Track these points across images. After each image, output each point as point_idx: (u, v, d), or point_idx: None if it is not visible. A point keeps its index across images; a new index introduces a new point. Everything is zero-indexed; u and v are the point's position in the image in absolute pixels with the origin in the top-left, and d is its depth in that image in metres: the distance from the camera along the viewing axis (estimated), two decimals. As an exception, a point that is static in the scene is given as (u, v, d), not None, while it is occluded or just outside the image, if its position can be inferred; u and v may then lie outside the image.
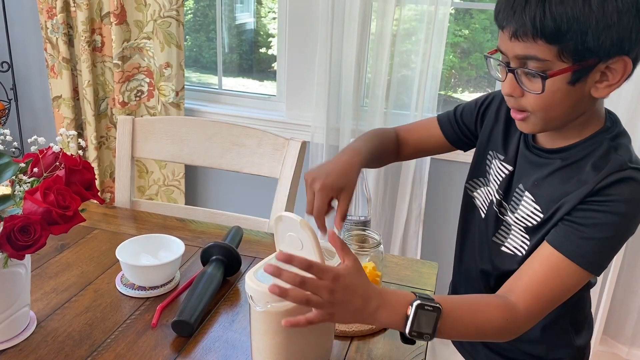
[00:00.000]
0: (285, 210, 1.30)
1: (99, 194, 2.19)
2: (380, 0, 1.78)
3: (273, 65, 2.29)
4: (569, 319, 1.02)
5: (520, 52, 0.78)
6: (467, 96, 2.10)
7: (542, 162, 0.91)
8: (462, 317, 0.79)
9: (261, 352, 0.78)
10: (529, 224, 0.92)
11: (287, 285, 0.69)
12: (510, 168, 0.97)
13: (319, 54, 1.86)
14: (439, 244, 2.04)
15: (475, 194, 1.06)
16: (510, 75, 0.82)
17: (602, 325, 1.89)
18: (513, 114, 0.87)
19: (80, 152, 2.17)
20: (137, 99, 2.12)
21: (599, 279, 1.84)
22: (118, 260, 1.01)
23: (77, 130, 2.22)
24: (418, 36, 1.82)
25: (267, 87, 2.34)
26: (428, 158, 1.87)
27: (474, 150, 1.10)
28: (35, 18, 2.22)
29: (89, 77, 2.08)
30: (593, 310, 1.87)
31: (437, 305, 0.75)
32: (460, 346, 1.16)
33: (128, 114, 2.11)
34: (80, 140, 0.89)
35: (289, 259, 0.69)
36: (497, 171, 0.99)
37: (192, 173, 2.25)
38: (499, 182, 0.99)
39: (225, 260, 1.05)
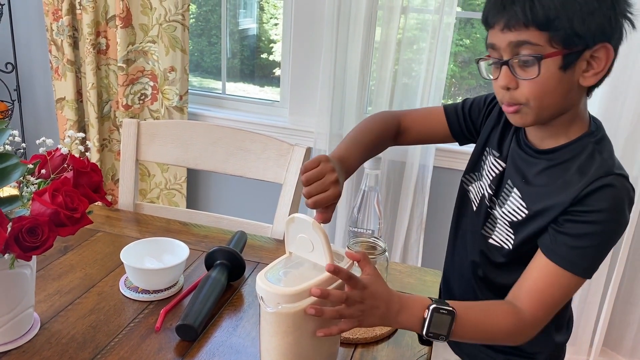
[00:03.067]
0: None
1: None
2: (386, 8, 1.79)
3: (274, 70, 2.30)
4: None
5: (514, 39, 0.82)
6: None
7: (531, 161, 0.94)
8: (474, 320, 0.85)
9: (270, 352, 0.78)
10: (514, 219, 0.95)
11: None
12: (503, 165, 1.00)
13: (323, 60, 1.87)
14: (440, 252, 2.03)
15: (470, 187, 1.09)
16: (504, 68, 0.85)
17: (602, 337, 1.89)
18: (505, 108, 0.89)
19: (88, 154, 2.17)
20: (141, 102, 2.13)
21: (600, 290, 1.84)
22: (121, 263, 1.01)
23: (79, 132, 2.22)
24: (420, 45, 1.83)
25: (267, 92, 2.35)
26: (430, 166, 1.87)
27: (472, 146, 1.12)
28: (40, 20, 2.23)
29: (93, 79, 2.08)
30: (593, 322, 1.88)
31: (451, 308, 0.81)
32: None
33: (131, 117, 2.11)
34: (88, 142, 0.89)
35: (325, 293, 0.73)
36: (490, 167, 1.02)
37: (194, 177, 2.25)
38: (491, 178, 1.02)
39: (229, 265, 1.05)
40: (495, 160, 1.02)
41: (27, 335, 0.88)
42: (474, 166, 1.09)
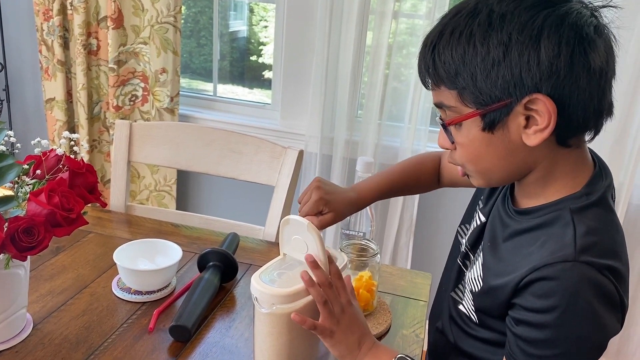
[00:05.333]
0: (281, 219, 1.31)
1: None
2: (377, 13, 1.80)
3: (264, 73, 2.30)
4: None
5: (435, 100, 0.75)
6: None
7: (505, 222, 0.79)
8: None
9: (264, 353, 0.79)
10: (474, 289, 0.82)
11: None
12: (483, 219, 0.88)
13: (315, 63, 1.88)
14: (430, 255, 2.06)
15: (462, 240, 0.95)
16: (440, 128, 0.77)
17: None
18: (458, 171, 0.81)
19: (82, 155, 2.16)
20: (132, 103, 2.12)
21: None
22: (114, 264, 1.01)
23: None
24: (410, 50, 1.85)
25: (257, 95, 2.35)
26: (420, 170, 1.89)
27: None
28: (30, 19, 2.22)
29: (84, 80, 2.08)
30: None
31: None
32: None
33: (122, 118, 2.10)
34: (83, 143, 0.89)
35: (330, 261, 0.76)
36: (476, 220, 0.91)
37: (184, 179, 2.25)
38: (472, 233, 0.90)
39: (222, 266, 1.05)
40: (480, 211, 0.90)
41: (20, 335, 0.88)
42: (467, 217, 0.96)
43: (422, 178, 1.08)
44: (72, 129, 2.23)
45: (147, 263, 1.05)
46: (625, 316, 0.70)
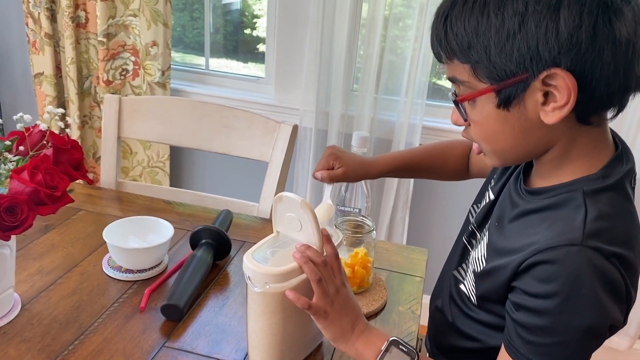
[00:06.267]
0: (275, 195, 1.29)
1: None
2: (373, -16, 1.75)
3: (258, 46, 2.25)
4: None
5: (448, 74, 0.71)
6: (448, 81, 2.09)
7: (515, 201, 0.76)
8: None
9: (257, 332, 0.77)
10: (476, 269, 0.79)
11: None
12: (492, 197, 0.85)
13: (309, 36, 1.83)
14: (426, 231, 2.05)
15: (473, 220, 0.91)
16: (454, 104, 0.73)
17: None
18: (474, 148, 0.78)
19: (68, 131, 2.12)
20: (122, 77, 2.08)
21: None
22: (104, 242, 0.99)
23: (58, 108, 2.16)
24: (407, 22, 1.80)
25: (251, 68, 2.31)
26: (417, 144, 1.86)
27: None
28: (16, -9, 2.15)
29: (73, 54, 2.02)
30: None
31: (413, 349, 0.73)
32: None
33: (112, 93, 2.06)
34: (68, 118, 0.86)
35: (327, 239, 0.75)
36: (486, 197, 0.88)
37: (177, 155, 2.21)
38: (479, 210, 0.88)
39: (215, 244, 1.03)
40: (490, 189, 0.87)
41: (7, 316, 0.86)
42: (480, 196, 0.93)
43: (449, 162, 1.04)
44: (63, 104, 2.19)
45: (138, 241, 1.03)
46: (630, 309, 0.67)
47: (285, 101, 2.01)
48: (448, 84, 2.11)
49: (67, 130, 1.88)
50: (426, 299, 1.01)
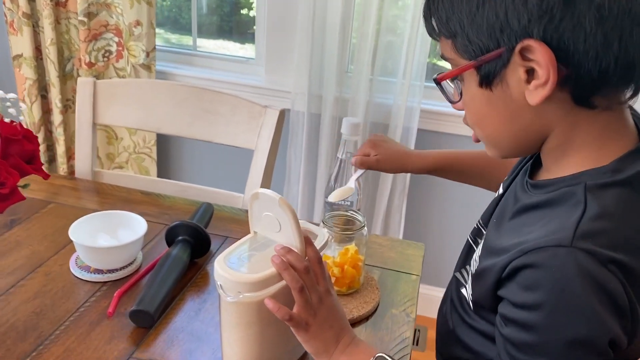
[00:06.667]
0: (262, 186, 1.20)
1: (64, 162, 2.03)
2: (368, -42, 1.65)
3: (255, 27, 2.14)
4: None
5: (440, 51, 0.66)
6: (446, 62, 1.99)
7: (519, 196, 0.68)
8: None
9: (232, 345, 0.69)
10: (472, 270, 0.72)
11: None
12: (500, 191, 0.78)
13: (301, 14, 1.73)
14: (424, 221, 1.96)
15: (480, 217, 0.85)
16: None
17: None
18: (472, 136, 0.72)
19: (22, 118, 2.02)
20: (105, 59, 1.97)
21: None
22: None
23: (40, 92, 2.07)
24: (406, 1, 1.70)
25: (247, 50, 2.20)
26: (415, 128, 1.77)
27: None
28: (-8, -32, 2.04)
29: (52, 35, 1.92)
30: None
31: None
32: None
33: (95, 76, 1.96)
34: (22, 104, 0.77)
35: (309, 241, 0.68)
36: (497, 193, 0.81)
37: (164, 140, 2.12)
38: (487, 207, 0.80)
39: (192, 241, 0.95)
40: (502, 184, 0.79)
41: (-41, 324, 0.78)
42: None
43: (503, 170, 0.89)
44: (44, 87, 2.09)
45: (108, 238, 0.94)
46: (637, 327, 0.57)
47: (276, 83, 1.91)
48: (448, 65, 2.00)
49: (22, 117, 1.79)
50: (427, 301, 0.93)
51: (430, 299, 1.53)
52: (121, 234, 0.95)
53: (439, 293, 2.00)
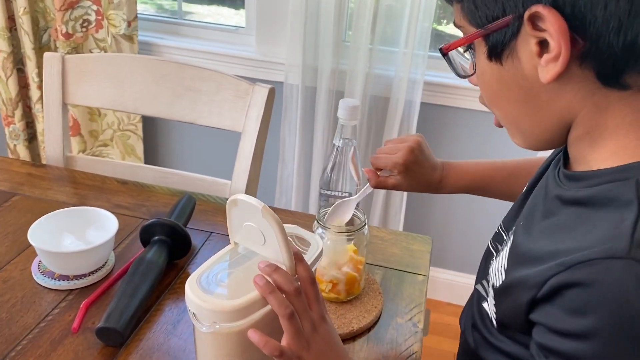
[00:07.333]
0: (251, 172, 1.08)
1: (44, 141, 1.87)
2: None
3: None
4: None
5: (454, 19, 0.58)
6: (452, 29, 1.84)
7: (550, 191, 0.58)
8: None
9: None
10: (495, 282, 0.61)
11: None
12: (525, 189, 0.68)
13: (294, -22, 1.58)
14: (427, 207, 1.85)
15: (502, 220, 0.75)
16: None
17: None
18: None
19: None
20: (84, 29, 1.83)
21: None
22: (34, 242, 0.79)
23: (16, 65, 1.93)
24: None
25: (242, 16, 2.05)
26: (418, 102, 1.64)
27: None
28: None
29: (25, 3, 1.77)
30: None
31: None
32: None
33: (74, 47, 1.82)
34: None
35: (299, 257, 0.57)
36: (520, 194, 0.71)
37: (150, 117, 1.99)
38: (510, 208, 0.70)
39: (169, 242, 0.84)
40: (528, 183, 0.69)
41: None
42: None
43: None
44: (20, 60, 1.95)
45: (73, 240, 0.83)
46: None
47: (268, 54, 1.77)
48: (444, 30, 1.86)
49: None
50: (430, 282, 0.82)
51: (432, 280, 1.43)
52: (89, 234, 0.84)
53: (440, 274, 1.92)
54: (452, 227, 1.86)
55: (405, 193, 1.74)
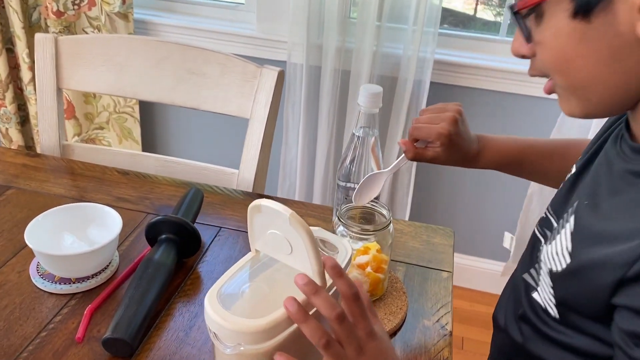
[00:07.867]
0: (260, 160, 1.02)
1: (38, 123, 1.81)
2: None
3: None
4: None
5: None
6: (461, 6, 1.77)
7: (617, 167, 0.56)
8: None
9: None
10: (554, 268, 0.58)
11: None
12: (573, 170, 0.65)
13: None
14: (433, 194, 1.79)
15: (549, 205, 0.72)
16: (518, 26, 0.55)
17: None
18: (545, 86, 0.59)
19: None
20: (76, 7, 1.74)
21: None
22: (31, 242, 0.73)
23: (5, 45, 1.84)
24: None
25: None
26: (427, 82, 1.57)
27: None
28: None
29: (13, -22, 1.68)
30: None
31: None
32: None
33: (66, 26, 1.74)
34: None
35: (339, 273, 0.49)
36: (566, 177, 0.67)
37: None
38: (557, 192, 0.67)
39: (177, 240, 0.78)
40: (575, 165, 0.66)
41: None
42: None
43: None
44: (9, 40, 1.86)
45: (74, 240, 0.77)
46: None
47: (270, 32, 1.69)
48: (464, 9, 1.78)
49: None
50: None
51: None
52: (91, 233, 0.78)
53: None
54: (459, 215, 1.81)
55: (412, 178, 1.68)
